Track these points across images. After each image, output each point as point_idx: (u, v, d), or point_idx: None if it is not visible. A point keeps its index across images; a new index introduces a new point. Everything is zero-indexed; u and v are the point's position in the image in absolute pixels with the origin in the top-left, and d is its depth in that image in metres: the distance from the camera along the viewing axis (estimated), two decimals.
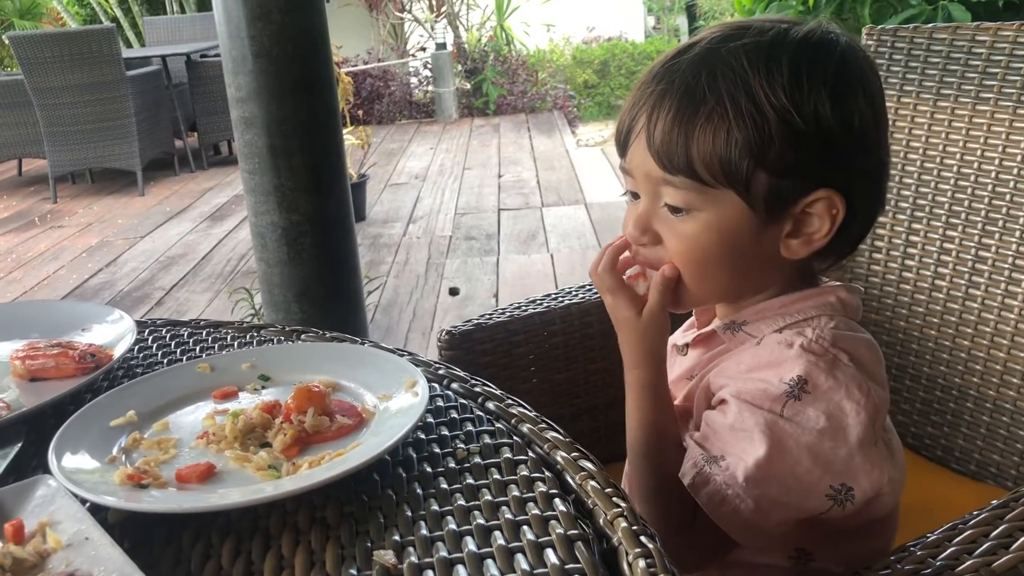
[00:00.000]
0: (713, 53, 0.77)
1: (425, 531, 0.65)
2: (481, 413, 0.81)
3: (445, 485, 0.70)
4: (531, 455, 0.73)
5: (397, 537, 0.64)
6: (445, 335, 1.23)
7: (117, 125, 5.84)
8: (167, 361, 1.00)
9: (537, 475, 0.70)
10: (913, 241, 1.29)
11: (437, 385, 0.87)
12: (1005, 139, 1.18)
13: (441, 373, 0.90)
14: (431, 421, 0.80)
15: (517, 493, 0.68)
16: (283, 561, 0.64)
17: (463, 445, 0.76)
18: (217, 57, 5.98)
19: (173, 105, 6.57)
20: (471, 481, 0.70)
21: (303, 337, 1.02)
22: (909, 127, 1.29)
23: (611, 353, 1.13)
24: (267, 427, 0.78)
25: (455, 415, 0.81)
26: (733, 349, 0.85)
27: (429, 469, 0.73)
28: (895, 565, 0.72)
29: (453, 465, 0.73)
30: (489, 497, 0.68)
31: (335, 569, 0.62)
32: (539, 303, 1.32)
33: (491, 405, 0.82)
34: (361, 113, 8.14)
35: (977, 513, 0.77)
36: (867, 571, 0.73)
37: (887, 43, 1.32)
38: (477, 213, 5.13)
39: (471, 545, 0.62)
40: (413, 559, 0.62)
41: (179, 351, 1.02)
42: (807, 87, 0.75)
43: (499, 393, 0.84)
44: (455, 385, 0.87)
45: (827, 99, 0.76)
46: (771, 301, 0.84)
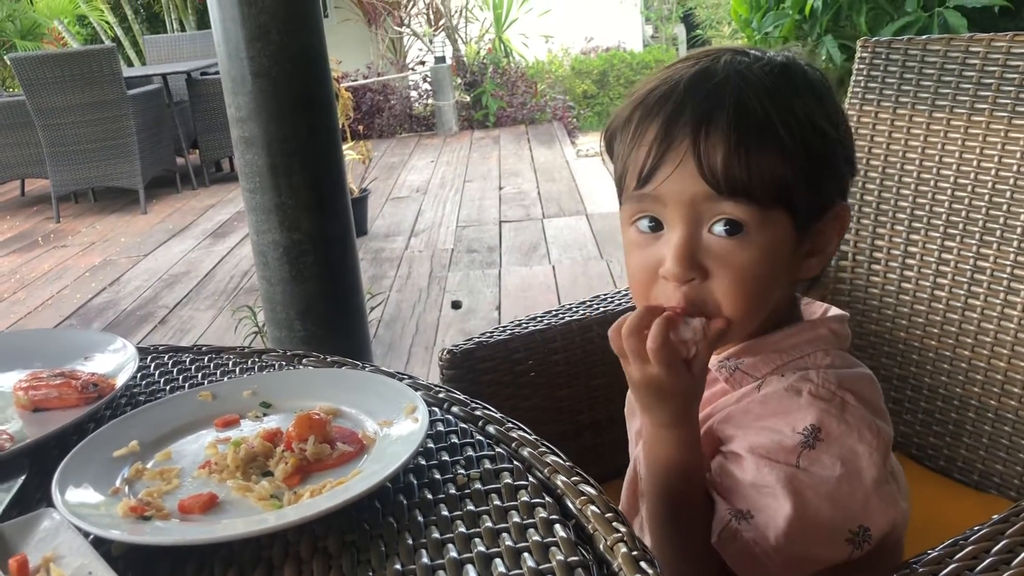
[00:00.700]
0: (742, 75, 0.76)
1: (427, 559, 0.65)
2: (481, 437, 0.82)
3: (446, 512, 0.71)
4: (531, 480, 0.73)
5: (399, 566, 0.65)
6: (446, 354, 1.23)
7: (119, 144, 5.87)
8: (169, 388, 1.00)
9: (538, 500, 0.70)
10: (911, 252, 1.29)
11: (437, 409, 0.88)
12: (1001, 149, 1.18)
13: (441, 397, 0.90)
14: (432, 447, 0.80)
15: (518, 519, 0.68)
16: None
17: (463, 471, 0.76)
18: (217, 75, 6.00)
19: (174, 123, 6.61)
20: (472, 507, 0.71)
21: (304, 362, 1.02)
22: (905, 138, 1.29)
23: (612, 369, 1.12)
24: (269, 456, 0.79)
25: (455, 440, 0.81)
26: (733, 391, 0.84)
27: (430, 496, 0.73)
28: None
29: (454, 491, 0.73)
30: (490, 524, 0.68)
31: None
32: (540, 320, 1.32)
33: (491, 429, 0.83)
34: (361, 128, 8.17)
35: (978, 528, 0.77)
36: None
37: (881, 55, 1.32)
38: (478, 225, 5.14)
39: (472, 574, 0.63)
40: None
41: (181, 377, 1.03)
42: (828, 104, 0.79)
43: (499, 416, 0.84)
44: (455, 409, 0.87)
45: (842, 116, 0.81)
46: (766, 337, 0.83)
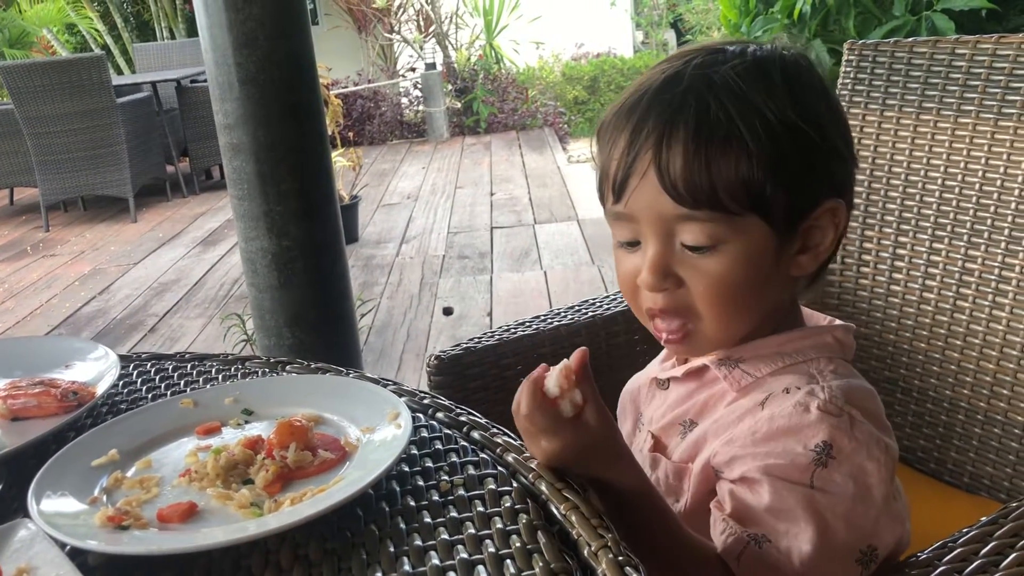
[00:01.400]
0: (707, 79, 0.75)
1: (408, 567, 0.64)
2: (466, 443, 0.81)
3: (429, 519, 0.70)
4: (516, 485, 0.73)
5: (380, 574, 0.64)
6: (434, 360, 1.23)
7: (108, 152, 5.85)
8: (151, 396, 0.99)
9: (521, 506, 0.69)
10: (900, 254, 1.28)
11: (422, 415, 0.87)
12: (987, 151, 1.18)
13: (426, 403, 0.89)
14: (415, 453, 0.79)
15: (501, 525, 0.67)
16: None
17: (447, 477, 0.75)
18: (207, 82, 6.01)
19: (164, 131, 6.59)
20: (455, 514, 0.70)
21: (288, 369, 1.01)
22: (892, 140, 1.29)
23: (600, 375, 1.12)
24: (249, 463, 0.78)
25: (439, 446, 0.81)
26: (732, 391, 0.82)
27: (412, 503, 0.72)
28: None
29: (437, 498, 0.72)
30: (473, 530, 0.67)
31: None
32: (528, 325, 1.31)
33: (476, 434, 0.82)
34: (352, 134, 8.16)
35: (967, 530, 0.77)
36: None
37: (868, 58, 1.32)
38: (470, 232, 5.13)
39: None
40: None
41: (163, 385, 1.02)
42: (805, 96, 0.76)
43: (484, 422, 0.84)
44: (440, 415, 0.87)
45: (823, 105, 0.78)
46: (768, 339, 0.82)
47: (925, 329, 1.26)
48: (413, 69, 9.34)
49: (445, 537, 0.67)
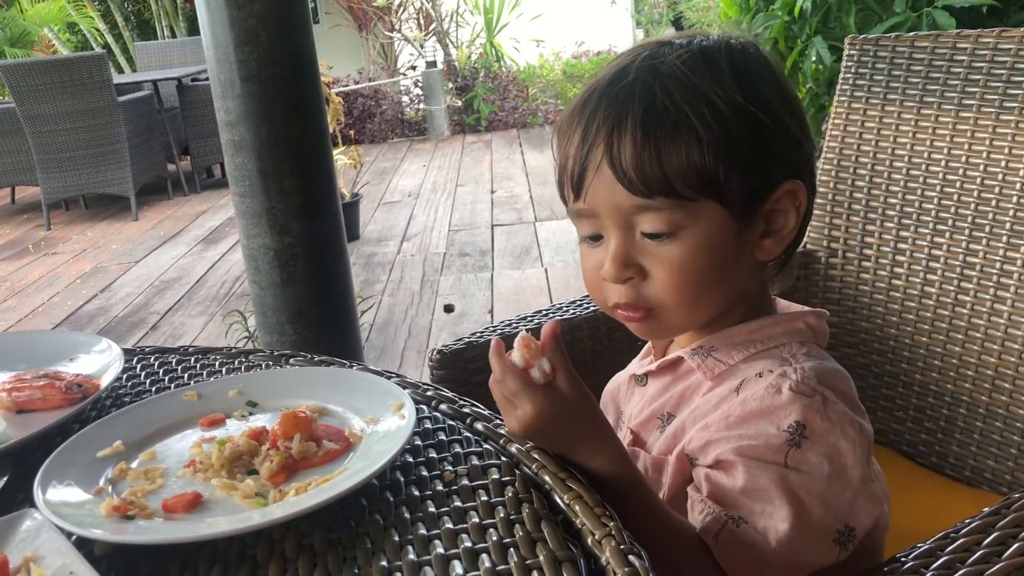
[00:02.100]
0: (653, 70, 0.76)
1: (413, 556, 0.64)
2: (469, 434, 0.81)
3: (433, 508, 0.70)
4: (519, 475, 0.73)
5: (384, 563, 0.64)
6: (436, 354, 1.23)
7: (109, 151, 5.85)
8: (155, 389, 0.99)
9: (525, 495, 0.70)
10: (901, 248, 1.29)
11: (425, 407, 0.87)
12: (989, 145, 1.18)
13: (429, 394, 0.89)
14: (419, 444, 0.80)
15: (504, 515, 0.67)
16: None
17: (451, 467, 0.75)
18: (208, 81, 6.01)
19: (165, 129, 6.59)
20: (459, 503, 0.70)
21: (291, 361, 1.02)
22: (894, 135, 1.29)
23: (601, 368, 1.13)
24: (254, 454, 0.78)
25: (443, 437, 0.81)
26: (706, 379, 0.82)
27: (417, 492, 0.73)
28: None
29: (441, 488, 0.73)
30: (477, 520, 0.68)
31: None
32: (529, 320, 1.32)
33: (479, 425, 0.82)
34: (353, 133, 8.17)
35: (969, 521, 0.77)
36: None
37: (869, 52, 1.32)
38: (471, 229, 5.13)
39: (458, 569, 0.62)
40: None
41: (167, 379, 1.02)
42: (752, 81, 0.77)
43: (487, 413, 0.84)
44: (443, 406, 0.87)
45: (772, 89, 0.78)
46: (740, 327, 0.83)
47: (926, 323, 1.26)
48: (414, 67, 9.35)
49: (449, 526, 0.67)
